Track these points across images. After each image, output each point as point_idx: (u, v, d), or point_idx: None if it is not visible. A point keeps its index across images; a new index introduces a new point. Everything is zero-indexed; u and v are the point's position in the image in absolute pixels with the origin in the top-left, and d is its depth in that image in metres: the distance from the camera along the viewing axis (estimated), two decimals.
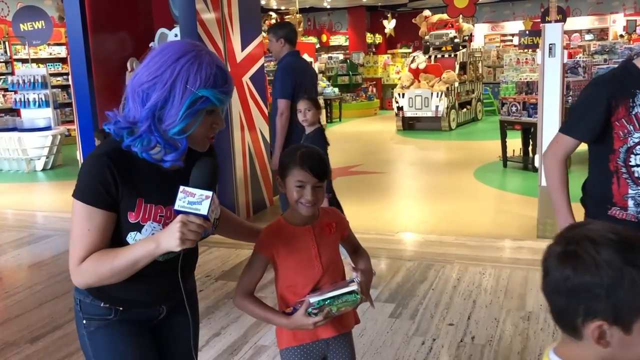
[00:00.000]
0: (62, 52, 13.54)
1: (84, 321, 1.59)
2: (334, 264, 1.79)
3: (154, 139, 1.41)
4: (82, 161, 5.90)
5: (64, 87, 12.89)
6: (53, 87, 10.79)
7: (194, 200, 1.36)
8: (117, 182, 1.42)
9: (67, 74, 12.31)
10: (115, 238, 1.47)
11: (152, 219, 1.47)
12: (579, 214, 2.21)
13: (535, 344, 3.08)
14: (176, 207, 1.37)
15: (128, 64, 5.73)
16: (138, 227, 1.45)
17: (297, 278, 1.75)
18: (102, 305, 1.57)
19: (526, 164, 7.81)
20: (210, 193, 1.37)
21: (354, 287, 1.66)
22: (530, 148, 7.91)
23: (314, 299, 1.64)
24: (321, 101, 13.82)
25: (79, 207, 1.44)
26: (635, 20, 18.68)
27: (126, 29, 5.91)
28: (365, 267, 1.83)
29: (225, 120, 1.54)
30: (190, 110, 1.38)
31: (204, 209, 1.36)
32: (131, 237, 1.46)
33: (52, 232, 5.71)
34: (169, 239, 1.35)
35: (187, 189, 1.37)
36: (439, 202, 6.35)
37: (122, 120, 1.44)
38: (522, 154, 8.11)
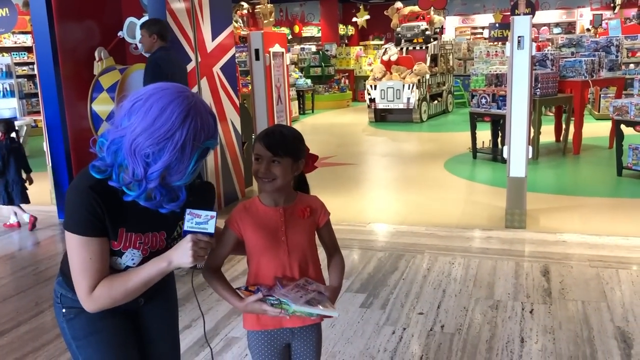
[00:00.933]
0: (27, 40, 13.18)
1: (64, 310, 1.66)
2: (304, 250, 1.79)
3: (158, 193, 1.49)
4: (49, 153, 5.79)
5: (30, 77, 12.57)
6: (18, 76, 10.51)
7: (200, 220, 1.50)
8: (103, 213, 1.49)
9: (32, 63, 11.99)
10: None
11: (132, 247, 1.56)
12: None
13: (503, 332, 3.14)
14: (185, 227, 1.50)
15: (96, 54, 5.61)
16: (119, 254, 1.55)
17: (262, 257, 1.76)
18: None
19: (495, 155, 7.92)
20: (214, 213, 1.51)
21: (330, 312, 1.67)
22: (499, 140, 8.02)
23: (277, 296, 1.64)
24: (294, 93, 13.80)
25: (75, 239, 1.50)
26: (602, 14, 19.08)
27: (93, 18, 5.78)
28: (335, 284, 1.83)
29: None
30: (198, 164, 1.48)
31: (211, 228, 1.50)
32: (113, 260, 1.56)
33: None
34: (182, 257, 1.48)
35: (193, 211, 1.50)
36: (410, 193, 6.40)
37: (127, 176, 1.45)
38: (491, 146, 8.22)
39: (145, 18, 5.33)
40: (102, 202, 1.47)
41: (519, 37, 4.64)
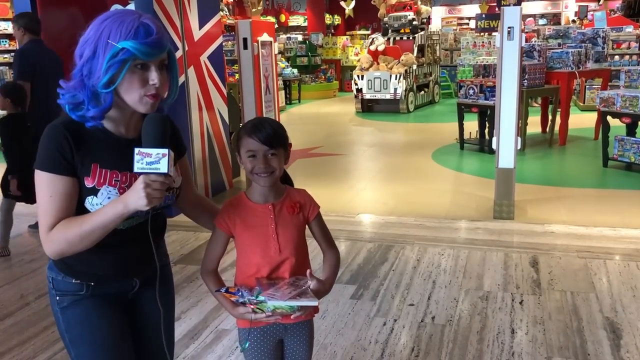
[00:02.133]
0: (8, 27, 12.92)
1: (57, 297, 1.62)
2: (295, 247, 1.74)
3: (81, 95, 1.46)
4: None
5: (12, 65, 12.35)
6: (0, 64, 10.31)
7: (151, 160, 1.39)
8: (72, 149, 1.47)
9: (14, 51, 11.79)
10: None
11: (107, 183, 1.50)
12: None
13: (493, 323, 3.15)
14: (135, 169, 1.39)
15: None
16: (94, 192, 1.49)
17: (252, 256, 1.71)
18: (73, 281, 1.60)
19: (482, 146, 7.94)
20: (166, 150, 1.39)
21: (309, 302, 1.61)
22: (486, 130, 8.04)
23: (264, 296, 1.59)
24: (280, 82, 13.71)
25: (41, 176, 1.47)
26: (587, 5, 19.18)
27: (77, 5, 5.67)
28: (326, 277, 1.78)
29: (183, 101, 1.56)
30: (112, 62, 1.41)
31: (163, 167, 1.39)
32: (88, 201, 1.50)
33: None
34: (137, 200, 1.39)
35: (142, 150, 1.39)
36: (398, 184, 6.40)
37: (66, 88, 1.50)
38: (478, 137, 8.24)
39: (131, 5, 5.24)
40: (72, 136, 1.46)
41: (508, 27, 4.63)
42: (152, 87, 1.47)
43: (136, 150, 1.39)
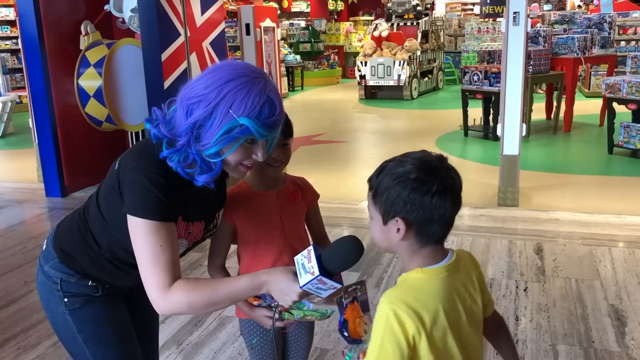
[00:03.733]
0: (10, 14, 12.86)
1: (65, 299, 1.54)
2: (298, 236, 1.73)
3: (191, 155, 1.35)
4: (35, 129, 5.67)
5: (13, 52, 12.30)
6: (1, 51, 10.28)
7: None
8: (171, 193, 1.36)
9: (16, 37, 11.73)
10: None
11: (182, 236, 1.45)
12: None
13: (498, 310, 3.13)
14: (305, 287, 1.30)
15: (82, 28, 5.46)
16: None
17: (257, 247, 1.69)
18: (89, 283, 1.55)
19: (487, 132, 7.90)
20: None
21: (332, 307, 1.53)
22: (491, 117, 7.99)
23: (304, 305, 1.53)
24: (283, 69, 13.64)
25: (143, 225, 1.33)
26: None
27: None
28: None
29: None
30: (227, 136, 1.30)
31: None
32: None
33: (4, 203, 5.49)
34: (280, 296, 1.35)
35: (323, 278, 1.28)
36: None
37: (164, 128, 1.37)
38: (482, 123, 8.20)
39: None
40: (168, 180, 1.35)
41: (514, 13, 4.57)
42: (255, 160, 1.39)
43: (319, 272, 1.28)
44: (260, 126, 1.30)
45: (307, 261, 1.31)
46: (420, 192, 1.18)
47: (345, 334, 1.32)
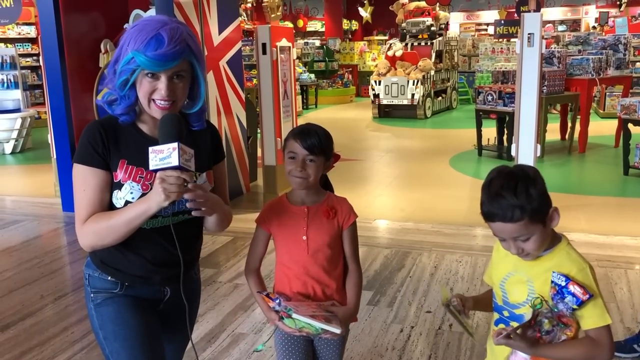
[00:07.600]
0: (31, 32, 13.15)
1: (92, 294, 1.68)
2: (325, 252, 1.76)
3: (114, 92, 1.56)
4: (53, 144, 5.75)
5: (34, 69, 12.54)
6: (22, 68, 10.47)
7: (163, 155, 1.43)
8: (105, 143, 1.56)
9: (36, 54, 11.97)
10: None
11: (131, 179, 1.57)
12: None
13: None
14: (151, 167, 1.45)
15: (102, 46, 5.58)
16: (119, 186, 1.57)
17: (284, 257, 1.79)
18: (109, 278, 1.66)
19: (501, 152, 7.88)
20: (175, 144, 1.42)
21: (332, 328, 1.67)
22: (505, 137, 7.98)
23: (293, 315, 1.65)
24: (297, 88, 13.75)
25: (76, 170, 1.58)
26: (608, 12, 18.95)
27: (99, 9, 5.74)
28: (350, 304, 1.83)
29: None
30: (125, 67, 1.50)
31: (174, 160, 1.41)
32: (114, 195, 1.57)
33: (22, 217, 5.56)
34: (156, 196, 1.45)
35: (155, 147, 1.44)
36: (415, 190, 6.38)
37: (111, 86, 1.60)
38: (496, 143, 8.19)
39: (152, 10, 5.30)
40: (105, 132, 1.57)
41: (529, 34, 4.60)
42: (159, 95, 1.52)
43: (150, 149, 1.45)
44: (145, 56, 1.47)
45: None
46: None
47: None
